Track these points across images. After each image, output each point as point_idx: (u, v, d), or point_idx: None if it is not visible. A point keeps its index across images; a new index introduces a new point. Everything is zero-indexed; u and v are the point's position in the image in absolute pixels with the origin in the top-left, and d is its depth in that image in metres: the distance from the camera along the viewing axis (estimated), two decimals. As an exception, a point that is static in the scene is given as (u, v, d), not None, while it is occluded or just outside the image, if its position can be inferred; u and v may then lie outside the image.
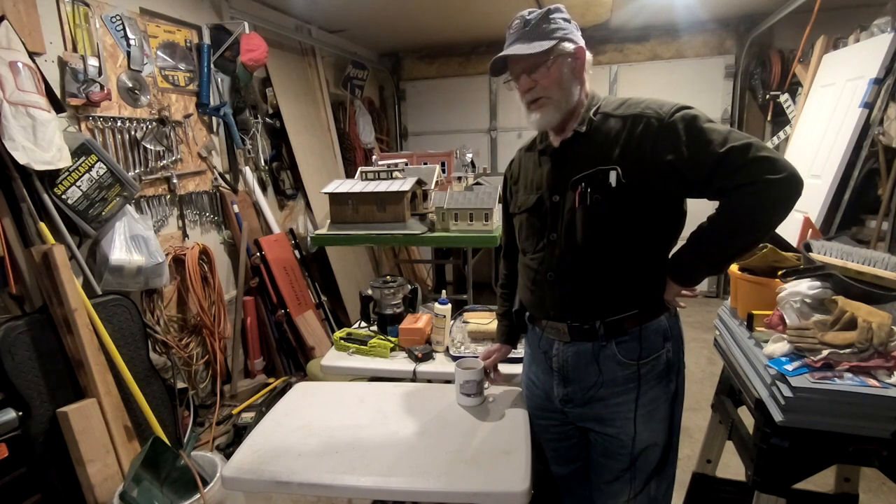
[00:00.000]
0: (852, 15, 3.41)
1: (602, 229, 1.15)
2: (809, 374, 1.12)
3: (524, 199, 1.29)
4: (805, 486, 1.23)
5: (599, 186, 1.13)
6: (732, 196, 1.06)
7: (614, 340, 1.19)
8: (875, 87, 2.68)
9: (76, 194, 2.09)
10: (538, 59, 1.13)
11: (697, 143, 1.06)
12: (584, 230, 1.16)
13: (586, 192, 1.14)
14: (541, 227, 1.24)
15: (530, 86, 1.16)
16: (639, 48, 4.70)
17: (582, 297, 1.20)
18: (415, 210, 2.80)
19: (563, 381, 1.26)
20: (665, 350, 1.20)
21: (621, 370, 1.19)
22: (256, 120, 3.40)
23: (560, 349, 1.25)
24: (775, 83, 4.11)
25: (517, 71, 1.18)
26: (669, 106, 1.11)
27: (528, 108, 1.19)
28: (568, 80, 1.15)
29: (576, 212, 1.16)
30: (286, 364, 3.27)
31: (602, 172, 1.13)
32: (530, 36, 1.13)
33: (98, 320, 2.00)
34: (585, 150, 1.17)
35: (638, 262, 1.18)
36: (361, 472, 1.17)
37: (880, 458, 1.11)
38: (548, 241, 1.22)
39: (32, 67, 1.90)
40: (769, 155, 1.03)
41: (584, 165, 1.16)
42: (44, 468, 1.83)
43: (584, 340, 1.21)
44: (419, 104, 5.47)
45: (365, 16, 3.91)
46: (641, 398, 1.19)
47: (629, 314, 1.18)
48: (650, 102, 1.14)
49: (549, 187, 1.22)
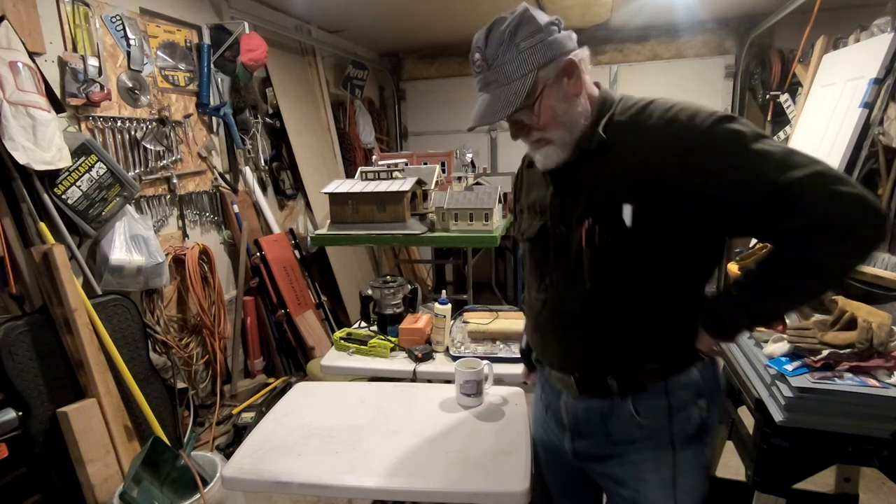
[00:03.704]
0: (852, 15, 3.41)
1: (613, 276, 0.94)
2: (809, 374, 1.12)
3: (528, 224, 1.09)
4: (805, 486, 1.23)
5: (610, 224, 0.90)
6: (794, 241, 0.82)
7: (631, 397, 0.99)
8: (875, 87, 2.68)
9: (76, 194, 2.09)
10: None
11: (745, 170, 0.82)
12: (591, 275, 0.95)
13: (594, 230, 0.92)
14: (543, 262, 1.04)
15: (522, 131, 0.96)
16: (639, 48, 4.70)
17: (590, 350, 1.00)
18: (415, 210, 2.80)
19: (575, 435, 1.08)
20: (696, 408, 0.99)
21: (640, 431, 0.99)
22: (256, 120, 3.40)
23: (569, 402, 1.07)
24: (775, 83, 4.11)
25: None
26: (705, 115, 0.85)
27: (529, 146, 1.00)
28: (565, 110, 0.93)
29: (582, 252, 0.95)
30: (286, 364, 3.27)
31: (613, 206, 0.90)
32: (498, 79, 0.90)
33: (98, 320, 1.99)
34: (593, 175, 0.94)
35: (659, 309, 0.96)
36: (361, 472, 1.17)
37: (880, 458, 1.11)
38: (551, 282, 1.02)
39: (32, 67, 1.90)
40: (851, 190, 0.79)
41: (591, 196, 0.93)
42: (44, 468, 1.83)
43: (595, 397, 1.02)
44: (419, 104, 5.47)
45: (365, 16, 3.91)
46: (664, 464, 0.99)
47: (649, 368, 0.98)
48: (680, 109, 0.88)
49: (552, 216, 1.00)
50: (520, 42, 0.88)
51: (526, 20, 0.89)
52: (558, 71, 0.90)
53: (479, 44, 0.91)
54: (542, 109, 0.92)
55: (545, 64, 0.89)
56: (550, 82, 0.90)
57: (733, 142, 0.83)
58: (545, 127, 0.93)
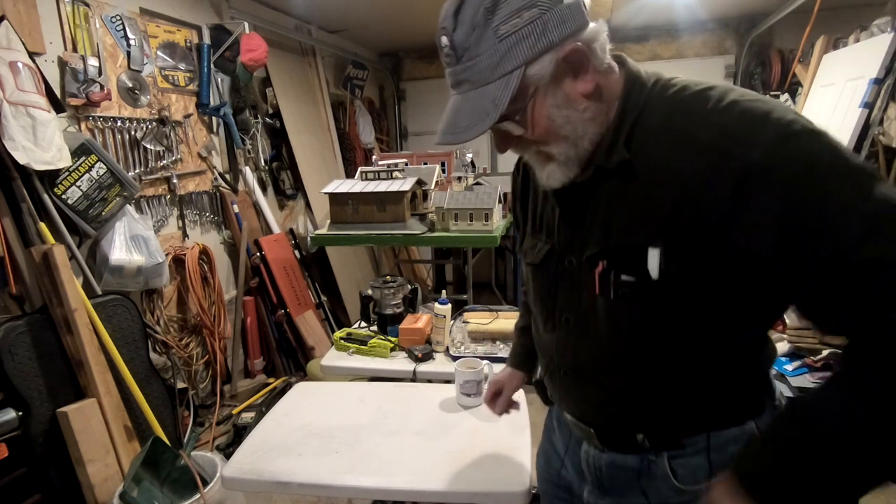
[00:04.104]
0: (852, 15, 3.41)
1: (635, 332, 0.72)
2: (809, 374, 1.12)
3: (531, 245, 0.86)
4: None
5: (631, 272, 0.68)
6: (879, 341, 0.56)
7: (666, 454, 0.77)
8: (875, 87, 2.68)
9: (76, 194, 2.09)
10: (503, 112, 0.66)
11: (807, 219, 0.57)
12: (608, 329, 0.74)
13: (609, 276, 0.70)
14: (550, 299, 0.83)
15: (510, 143, 0.72)
16: (639, 48, 4.70)
17: (611, 406, 0.80)
18: (415, 210, 2.80)
19: (599, 490, 0.87)
20: None
21: (677, 496, 0.77)
22: (256, 120, 3.40)
23: (591, 452, 0.86)
24: (775, 83, 4.11)
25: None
26: (772, 131, 0.58)
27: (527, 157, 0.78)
28: (566, 118, 0.67)
29: (597, 300, 0.73)
30: (286, 364, 3.27)
31: (635, 250, 0.67)
32: (472, 77, 0.65)
33: (98, 320, 1.99)
34: (611, 204, 0.70)
35: (701, 363, 0.72)
36: (361, 472, 1.17)
37: (880, 458, 1.11)
38: (560, 325, 0.81)
39: (32, 67, 1.90)
40: None
41: (608, 232, 0.70)
42: (44, 468, 1.83)
43: (621, 452, 0.81)
44: (419, 104, 5.47)
45: (365, 16, 3.91)
46: None
47: (686, 423, 0.76)
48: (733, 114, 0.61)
49: (561, 244, 0.79)
50: (500, 25, 0.62)
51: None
52: (557, 65, 0.64)
53: (444, 23, 0.65)
54: (534, 118, 0.67)
55: (538, 56, 0.63)
56: (545, 82, 0.65)
57: (805, 175, 0.57)
58: (540, 140, 0.70)
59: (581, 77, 0.66)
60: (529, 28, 0.62)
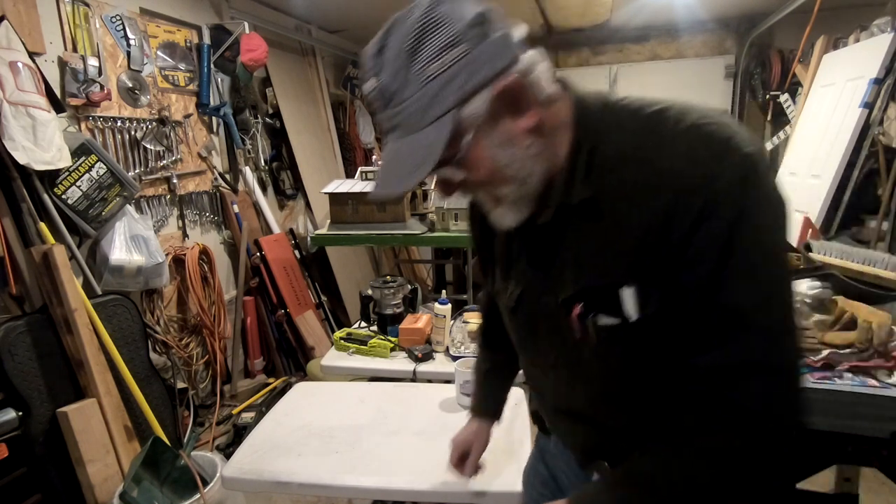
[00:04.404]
0: (852, 15, 3.41)
1: (625, 374, 0.69)
2: (809, 374, 1.12)
3: (502, 287, 0.80)
4: (805, 486, 1.23)
5: (609, 314, 0.65)
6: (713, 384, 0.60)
7: None
8: (875, 87, 2.68)
9: (76, 194, 2.09)
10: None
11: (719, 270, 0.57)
12: (597, 370, 0.71)
13: (587, 318, 0.66)
14: (533, 339, 0.78)
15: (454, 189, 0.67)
16: (639, 48, 4.70)
17: (611, 442, 0.76)
18: (415, 210, 2.81)
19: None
20: None
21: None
22: (256, 120, 3.40)
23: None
24: (775, 83, 4.11)
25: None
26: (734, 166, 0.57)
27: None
28: (511, 157, 0.62)
29: (580, 345, 0.69)
30: (286, 364, 3.27)
31: (610, 291, 0.64)
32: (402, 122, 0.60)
33: (98, 320, 1.99)
34: (578, 243, 0.67)
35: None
36: (361, 472, 1.17)
37: (880, 458, 1.11)
38: (546, 370, 0.78)
39: (32, 67, 1.90)
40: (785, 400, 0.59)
41: (579, 273, 0.67)
42: (44, 468, 1.83)
43: None
44: (419, 104, 5.46)
45: (365, 16, 3.90)
46: None
47: None
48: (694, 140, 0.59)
49: (533, 287, 0.74)
50: (424, 66, 0.57)
51: (433, 23, 0.57)
52: (493, 104, 0.59)
53: (367, 66, 0.61)
54: (475, 161, 0.62)
55: (469, 97, 0.58)
56: (482, 122, 0.60)
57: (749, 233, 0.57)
58: (485, 182, 0.65)
59: (521, 113, 0.61)
60: (456, 68, 0.57)
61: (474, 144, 0.61)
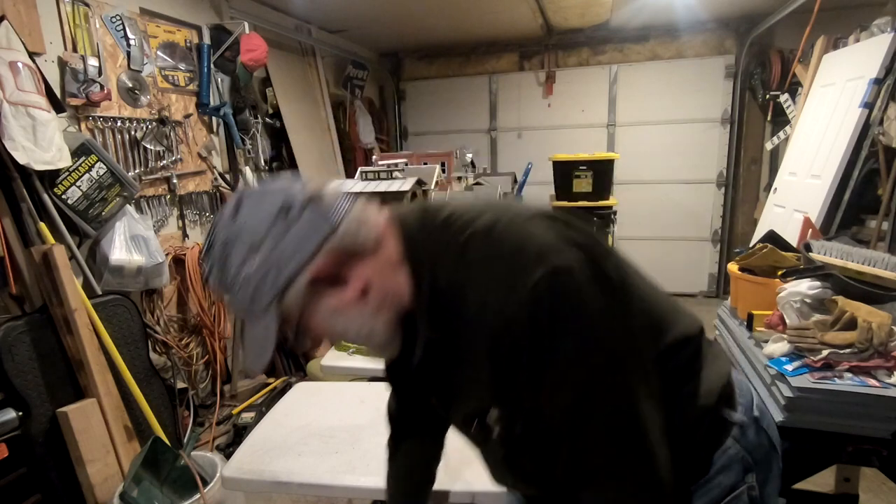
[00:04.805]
0: (852, 15, 3.41)
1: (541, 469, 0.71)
2: (809, 374, 1.12)
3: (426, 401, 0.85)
4: (805, 486, 1.23)
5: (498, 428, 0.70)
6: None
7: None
8: (875, 87, 2.68)
9: (76, 194, 2.09)
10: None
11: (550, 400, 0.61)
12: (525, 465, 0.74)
13: (484, 426, 0.71)
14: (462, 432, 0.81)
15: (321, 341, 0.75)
16: (639, 48, 4.70)
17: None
18: (415, 210, 2.80)
19: None
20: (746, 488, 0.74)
21: None
22: (256, 120, 3.40)
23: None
24: (775, 83, 4.11)
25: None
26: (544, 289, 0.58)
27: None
28: (347, 321, 0.67)
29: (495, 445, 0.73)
30: (286, 364, 3.27)
31: (484, 413, 0.70)
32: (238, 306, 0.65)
33: (98, 320, 1.99)
34: (449, 370, 0.71)
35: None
36: (361, 472, 1.17)
37: (880, 458, 1.11)
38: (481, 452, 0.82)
39: (32, 67, 1.90)
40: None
41: (457, 396, 0.73)
42: (44, 468, 1.83)
43: None
44: (419, 104, 5.46)
45: (365, 16, 3.91)
46: None
47: None
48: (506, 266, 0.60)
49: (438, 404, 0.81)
50: (237, 272, 0.62)
51: (234, 235, 0.62)
52: (310, 288, 0.63)
53: (205, 255, 0.66)
54: (315, 332, 0.68)
55: (284, 290, 0.62)
56: (306, 304, 0.64)
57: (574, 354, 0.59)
58: (338, 339, 0.72)
59: (344, 284, 0.64)
60: (264, 269, 0.61)
61: (308, 320, 0.66)
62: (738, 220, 4.67)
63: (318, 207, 0.63)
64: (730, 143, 4.60)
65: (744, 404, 0.76)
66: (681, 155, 4.72)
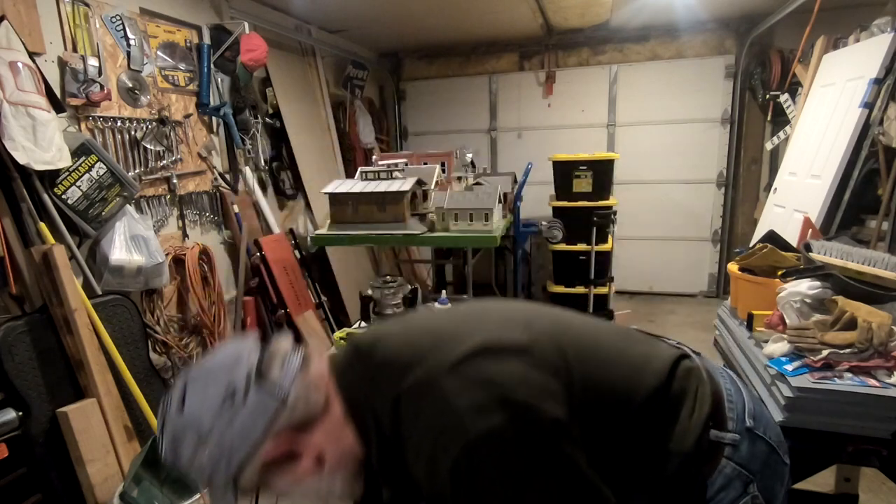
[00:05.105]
0: (852, 15, 3.41)
1: None
2: (809, 374, 1.12)
3: None
4: (805, 486, 1.23)
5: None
6: None
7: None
8: (875, 87, 2.68)
9: (76, 194, 2.09)
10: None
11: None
12: None
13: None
14: None
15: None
16: (639, 48, 4.70)
17: None
18: (415, 210, 2.80)
19: None
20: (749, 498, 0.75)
21: None
22: (256, 120, 3.40)
23: None
24: (775, 83, 4.11)
25: None
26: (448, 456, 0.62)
27: None
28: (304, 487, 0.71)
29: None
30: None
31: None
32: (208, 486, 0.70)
33: (98, 320, 1.99)
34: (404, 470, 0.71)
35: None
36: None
37: (880, 458, 1.11)
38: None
39: (32, 67, 1.90)
40: None
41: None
42: (44, 468, 1.83)
43: None
44: (419, 104, 5.47)
45: (365, 16, 3.91)
46: None
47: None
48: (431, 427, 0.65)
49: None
50: (190, 462, 0.65)
51: (180, 429, 0.65)
52: (264, 469, 0.67)
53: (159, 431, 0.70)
54: (280, 493, 0.72)
55: (238, 473, 0.65)
56: (263, 481, 0.68)
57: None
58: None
59: (297, 458, 0.68)
60: (215, 458, 0.64)
61: (269, 489, 0.70)
62: (738, 220, 4.68)
63: (262, 386, 0.65)
64: (730, 143, 4.60)
65: (734, 418, 0.77)
66: (681, 155, 4.72)
